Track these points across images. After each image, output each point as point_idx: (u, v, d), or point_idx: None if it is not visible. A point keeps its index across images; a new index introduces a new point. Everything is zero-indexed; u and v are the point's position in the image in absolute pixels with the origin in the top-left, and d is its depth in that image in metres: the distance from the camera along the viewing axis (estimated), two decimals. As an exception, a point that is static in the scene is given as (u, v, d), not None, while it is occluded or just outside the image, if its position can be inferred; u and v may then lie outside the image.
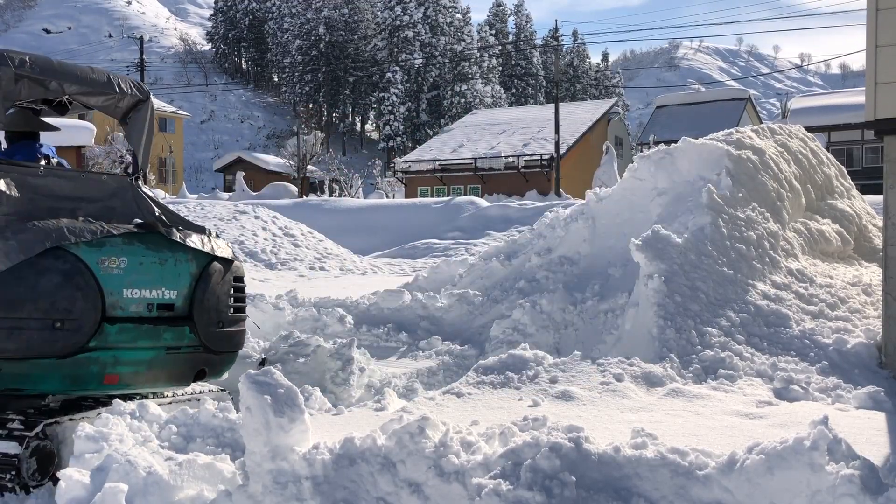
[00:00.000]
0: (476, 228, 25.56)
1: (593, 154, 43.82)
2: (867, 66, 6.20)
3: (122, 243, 4.73)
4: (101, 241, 4.63)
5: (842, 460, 3.04)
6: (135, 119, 5.47)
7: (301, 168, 56.81)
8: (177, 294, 4.94)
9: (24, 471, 4.28)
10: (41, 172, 4.85)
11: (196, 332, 5.02)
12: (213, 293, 5.11)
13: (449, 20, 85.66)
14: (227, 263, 5.29)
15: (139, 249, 4.79)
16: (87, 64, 5.75)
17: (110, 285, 4.60)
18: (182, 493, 3.51)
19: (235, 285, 5.35)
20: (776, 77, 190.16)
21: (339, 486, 3.34)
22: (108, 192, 5.10)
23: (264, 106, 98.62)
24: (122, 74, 5.53)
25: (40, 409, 4.71)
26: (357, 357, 6.64)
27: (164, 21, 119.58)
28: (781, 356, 5.82)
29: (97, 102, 5.40)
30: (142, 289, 4.76)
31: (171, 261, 4.93)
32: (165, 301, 4.89)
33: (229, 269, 5.31)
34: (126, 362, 4.74)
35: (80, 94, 5.24)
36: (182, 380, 5.19)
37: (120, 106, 5.42)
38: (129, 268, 4.70)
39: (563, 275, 8.53)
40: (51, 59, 5.05)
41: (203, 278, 5.06)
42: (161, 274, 4.87)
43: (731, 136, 8.66)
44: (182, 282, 4.97)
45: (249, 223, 21.81)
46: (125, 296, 4.67)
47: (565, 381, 4.90)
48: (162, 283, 4.86)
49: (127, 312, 4.69)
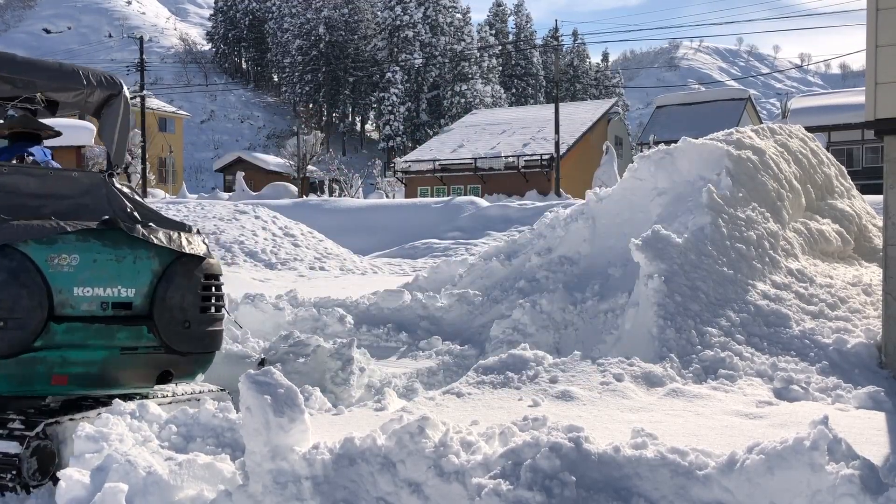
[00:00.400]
0: (476, 228, 25.56)
1: (593, 154, 43.82)
2: (867, 66, 6.20)
3: (76, 241, 4.61)
4: (53, 238, 4.52)
5: (842, 460, 3.04)
6: (107, 113, 5.29)
7: (301, 168, 56.81)
8: (135, 292, 4.79)
9: (25, 471, 4.28)
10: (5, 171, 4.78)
11: (156, 331, 4.85)
12: (178, 291, 4.93)
13: (449, 20, 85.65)
14: (196, 260, 5.08)
15: (94, 247, 4.66)
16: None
17: (59, 283, 4.50)
18: (182, 493, 3.51)
19: (206, 283, 5.15)
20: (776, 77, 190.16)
21: (339, 486, 3.34)
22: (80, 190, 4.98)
23: (264, 106, 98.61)
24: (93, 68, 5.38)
25: (41, 408, 4.71)
26: (357, 357, 6.63)
27: (164, 21, 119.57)
28: (781, 356, 5.82)
29: (67, 98, 5.29)
30: (95, 287, 4.63)
31: (129, 258, 4.77)
32: (122, 299, 4.74)
33: (198, 266, 5.09)
34: (75, 362, 4.61)
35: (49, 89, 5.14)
36: (142, 381, 5.02)
37: (91, 100, 5.29)
38: (82, 265, 4.59)
39: (563, 275, 8.53)
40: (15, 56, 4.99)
41: (166, 276, 4.89)
42: (118, 271, 4.72)
43: (732, 136, 8.66)
44: (142, 279, 4.81)
45: (249, 223, 21.81)
46: (76, 294, 4.56)
47: (565, 381, 4.90)
48: (118, 281, 4.71)
49: (77, 311, 4.57)
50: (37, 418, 4.48)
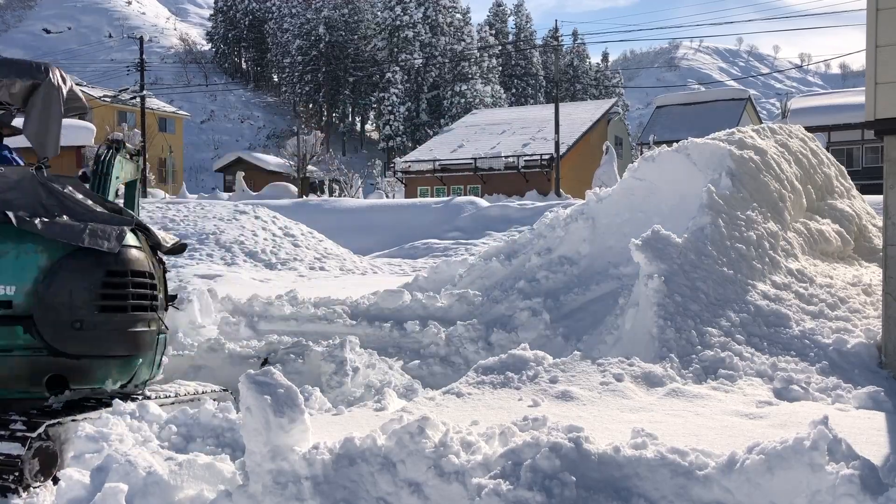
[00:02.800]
0: (476, 228, 25.56)
1: (593, 154, 43.82)
2: (867, 66, 6.20)
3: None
4: None
5: (842, 460, 3.04)
6: (31, 102, 4.99)
7: (301, 168, 56.80)
8: (16, 290, 4.48)
9: (27, 471, 4.27)
10: None
11: (36, 332, 4.50)
12: (65, 288, 4.54)
13: (449, 20, 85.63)
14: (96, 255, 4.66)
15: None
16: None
17: None
18: (182, 493, 3.51)
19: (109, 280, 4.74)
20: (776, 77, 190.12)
21: (339, 486, 3.34)
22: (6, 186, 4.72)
23: (264, 106, 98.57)
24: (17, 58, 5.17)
25: (43, 410, 4.71)
26: (349, 357, 6.64)
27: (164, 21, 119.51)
28: (781, 356, 5.82)
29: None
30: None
31: (12, 253, 4.49)
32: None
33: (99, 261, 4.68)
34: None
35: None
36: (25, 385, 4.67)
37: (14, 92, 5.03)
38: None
39: (563, 275, 8.53)
40: None
41: (52, 272, 4.53)
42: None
43: (733, 136, 8.66)
44: (25, 275, 4.50)
45: (249, 223, 21.81)
46: None
47: (565, 381, 4.90)
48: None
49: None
50: (39, 419, 4.48)
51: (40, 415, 4.58)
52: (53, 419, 4.51)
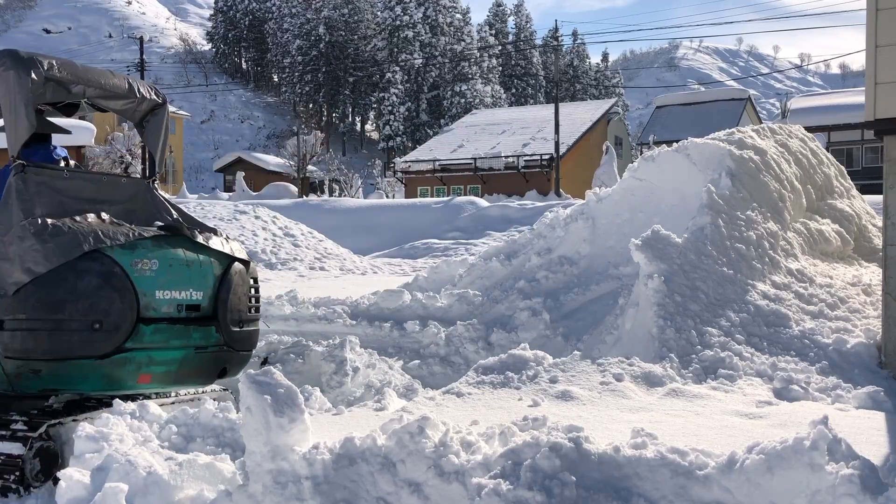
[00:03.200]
0: (476, 228, 25.56)
1: (593, 154, 43.83)
2: (867, 66, 6.20)
3: (153, 246, 4.85)
4: (133, 243, 4.74)
5: (842, 460, 3.04)
6: (152, 123, 5.60)
7: (301, 168, 56.82)
8: (203, 295, 5.08)
9: (28, 471, 4.28)
10: (66, 175, 4.95)
11: (221, 331, 5.16)
12: (235, 294, 5.25)
13: (449, 20, 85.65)
14: (245, 265, 5.43)
15: (168, 252, 4.91)
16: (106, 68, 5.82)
17: (144, 287, 4.71)
18: (182, 493, 3.51)
19: (253, 286, 5.50)
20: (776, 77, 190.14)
21: (339, 486, 3.34)
22: (128, 195, 5.27)
23: (264, 106, 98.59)
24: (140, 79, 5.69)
25: (44, 409, 4.72)
26: (349, 357, 6.65)
27: (164, 21, 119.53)
28: (781, 356, 5.82)
29: (116, 106, 5.50)
30: (172, 290, 4.88)
31: (196, 263, 5.06)
32: (193, 302, 5.02)
33: (248, 270, 5.46)
34: (159, 362, 4.86)
35: (100, 97, 5.32)
36: (207, 378, 5.32)
37: (138, 110, 5.55)
38: (161, 270, 4.83)
39: (563, 275, 8.53)
40: (75, 63, 5.13)
41: (225, 279, 5.20)
42: (189, 275, 4.99)
43: (733, 136, 8.66)
44: (207, 283, 5.11)
45: (249, 223, 21.81)
46: (157, 297, 4.79)
47: (565, 381, 4.90)
48: (189, 285, 4.99)
49: (159, 313, 4.80)
50: (40, 419, 4.49)
51: (41, 415, 4.59)
52: (54, 419, 4.52)
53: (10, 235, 4.44)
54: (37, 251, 4.38)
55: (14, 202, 4.53)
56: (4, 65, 4.63)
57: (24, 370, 4.44)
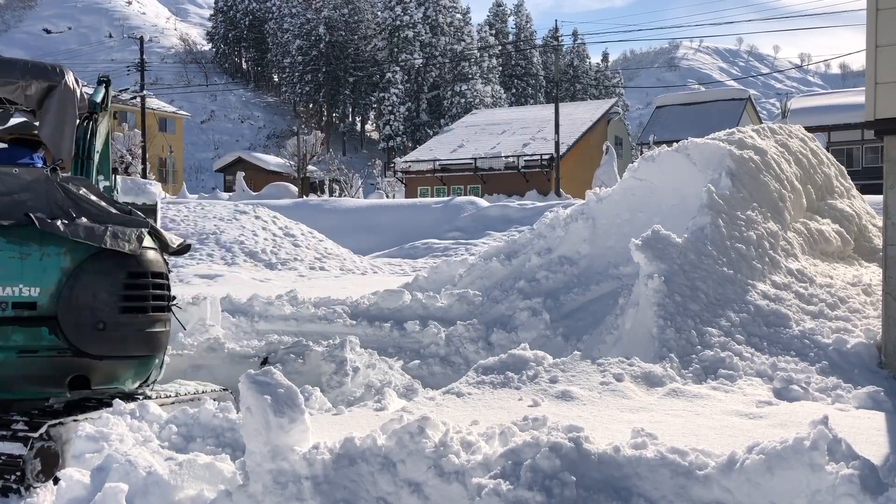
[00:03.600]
0: (476, 228, 25.57)
1: (593, 154, 43.83)
2: (867, 66, 6.20)
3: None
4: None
5: (842, 460, 3.04)
6: (46, 105, 5.02)
7: (301, 168, 56.81)
8: (40, 291, 4.52)
9: (29, 471, 4.27)
10: None
11: (61, 332, 4.54)
12: (89, 290, 4.60)
13: (449, 20, 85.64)
14: (118, 257, 4.70)
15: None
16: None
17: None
18: (182, 493, 3.51)
19: (131, 281, 4.77)
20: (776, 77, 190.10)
21: (339, 485, 3.34)
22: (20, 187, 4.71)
23: (264, 106, 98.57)
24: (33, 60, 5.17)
25: (44, 410, 4.70)
26: (349, 357, 6.65)
27: (164, 21, 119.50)
28: (781, 356, 5.81)
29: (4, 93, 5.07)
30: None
31: (36, 255, 4.52)
32: (23, 299, 4.49)
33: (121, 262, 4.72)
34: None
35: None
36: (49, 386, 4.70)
37: (29, 93, 5.04)
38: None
39: (563, 275, 8.53)
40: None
41: (76, 274, 4.58)
42: (20, 269, 4.48)
43: (733, 136, 8.66)
44: (49, 277, 4.54)
45: (249, 223, 21.81)
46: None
47: (565, 381, 4.90)
48: (20, 279, 4.48)
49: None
50: (40, 419, 4.47)
51: (42, 415, 4.58)
52: (55, 419, 4.51)
53: None
54: None
55: None
56: None
57: None
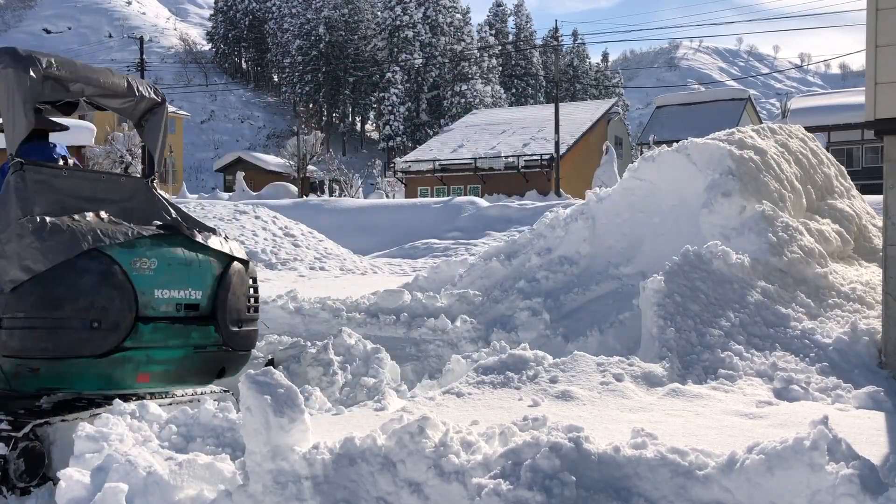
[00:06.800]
0: (476, 228, 25.56)
1: (593, 154, 43.81)
2: (867, 66, 6.20)
3: (151, 245, 4.84)
4: (132, 242, 4.74)
5: (842, 460, 3.04)
6: (151, 122, 5.58)
7: (301, 168, 56.81)
8: (202, 294, 5.07)
9: (12, 472, 4.24)
10: (65, 173, 4.94)
11: (219, 331, 5.14)
12: (234, 293, 5.23)
13: (449, 20, 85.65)
14: (245, 264, 5.42)
15: (167, 251, 4.90)
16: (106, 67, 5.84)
17: (142, 286, 4.70)
18: (182, 493, 3.50)
19: (252, 286, 5.48)
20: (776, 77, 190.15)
21: (339, 485, 3.34)
22: (127, 194, 5.25)
23: (264, 106, 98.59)
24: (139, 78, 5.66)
25: (31, 409, 4.68)
26: (349, 357, 6.65)
27: (164, 21, 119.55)
28: (781, 356, 5.81)
29: (115, 105, 5.48)
30: (171, 289, 4.88)
31: (196, 262, 5.05)
32: (192, 301, 5.01)
33: (247, 269, 5.45)
34: (158, 361, 4.85)
35: (98, 96, 5.31)
36: (206, 378, 5.30)
37: (137, 109, 5.52)
38: (159, 269, 4.82)
39: (562, 275, 8.52)
40: (74, 61, 5.11)
41: (224, 279, 5.19)
42: (188, 275, 4.99)
43: (733, 136, 8.66)
44: (206, 282, 5.10)
45: (249, 223, 21.81)
46: (156, 296, 4.78)
47: (565, 381, 4.90)
48: (189, 284, 4.98)
49: (158, 312, 4.80)
50: (26, 419, 4.44)
51: (28, 415, 4.54)
52: (41, 419, 4.48)
53: (8, 233, 4.41)
54: (35, 249, 4.36)
55: (12, 200, 4.51)
56: (3, 62, 4.59)
57: (21, 369, 4.42)
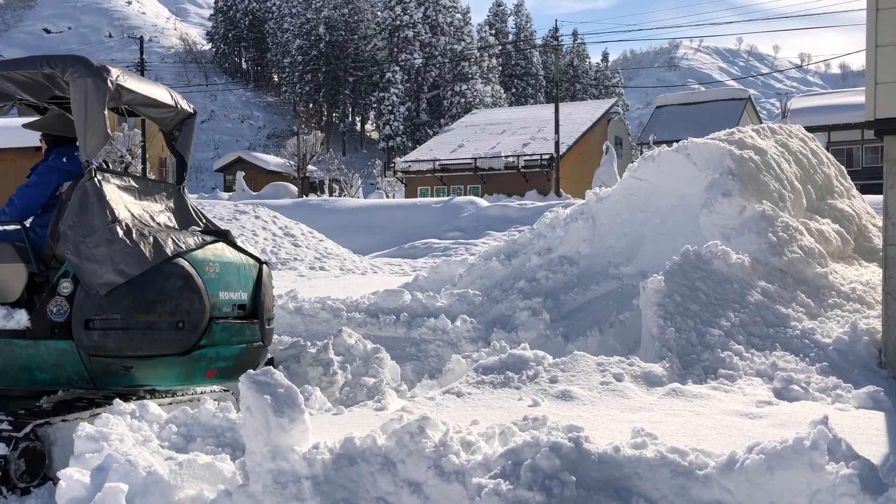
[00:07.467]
0: (476, 228, 25.56)
1: (593, 154, 43.82)
2: (867, 66, 6.20)
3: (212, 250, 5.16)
4: (201, 247, 5.06)
5: (842, 460, 3.04)
6: (184, 132, 5.92)
7: (301, 168, 56.79)
8: (247, 295, 5.41)
9: (13, 472, 4.25)
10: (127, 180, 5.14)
11: (261, 328, 5.49)
12: (268, 294, 5.63)
13: (449, 20, 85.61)
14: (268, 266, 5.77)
15: (222, 256, 5.23)
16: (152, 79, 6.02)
17: (211, 288, 4.99)
18: (182, 492, 3.50)
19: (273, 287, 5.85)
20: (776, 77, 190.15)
21: (339, 485, 3.34)
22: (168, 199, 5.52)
23: (264, 106, 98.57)
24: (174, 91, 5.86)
25: (32, 410, 4.69)
26: (348, 357, 6.65)
27: (164, 21, 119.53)
28: (781, 356, 5.82)
29: (154, 114, 5.73)
30: (229, 291, 5.22)
31: (242, 265, 5.41)
32: (242, 302, 5.35)
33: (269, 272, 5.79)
34: (223, 357, 5.16)
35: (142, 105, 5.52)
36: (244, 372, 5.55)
37: (173, 120, 5.82)
38: (221, 272, 5.14)
39: (563, 275, 8.52)
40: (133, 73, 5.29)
41: (260, 280, 5.55)
42: (238, 277, 5.32)
43: (733, 136, 8.66)
44: (249, 284, 5.45)
45: (249, 223, 21.81)
46: (220, 298, 5.10)
47: (565, 380, 4.90)
48: (239, 286, 5.33)
49: (222, 312, 5.11)
50: (26, 419, 4.45)
51: (29, 415, 4.55)
52: (41, 419, 4.49)
53: (96, 238, 4.59)
54: (128, 254, 4.59)
55: (94, 205, 4.68)
56: (80, 72, 4.74)
57: (115, 367, 4.63)
